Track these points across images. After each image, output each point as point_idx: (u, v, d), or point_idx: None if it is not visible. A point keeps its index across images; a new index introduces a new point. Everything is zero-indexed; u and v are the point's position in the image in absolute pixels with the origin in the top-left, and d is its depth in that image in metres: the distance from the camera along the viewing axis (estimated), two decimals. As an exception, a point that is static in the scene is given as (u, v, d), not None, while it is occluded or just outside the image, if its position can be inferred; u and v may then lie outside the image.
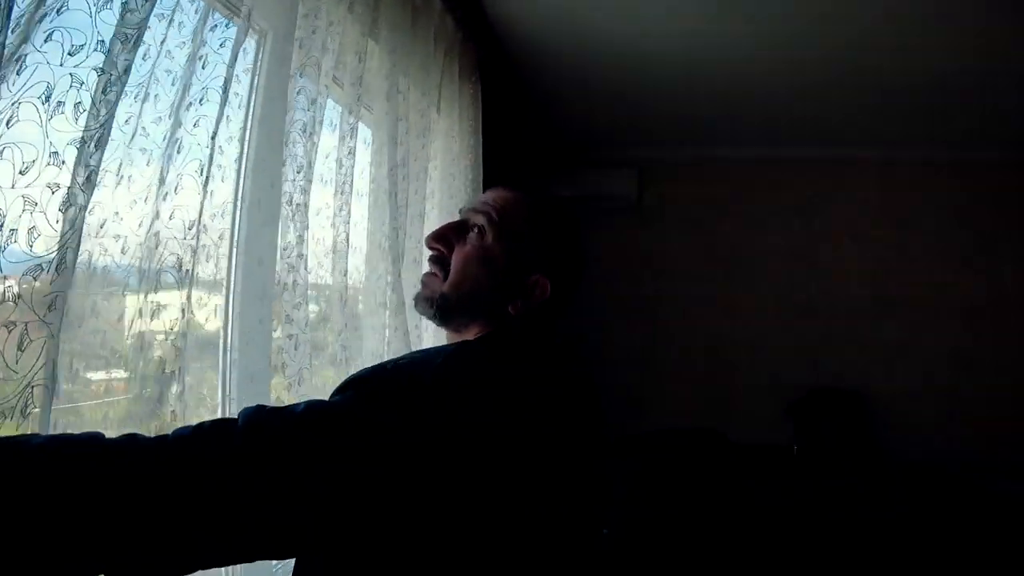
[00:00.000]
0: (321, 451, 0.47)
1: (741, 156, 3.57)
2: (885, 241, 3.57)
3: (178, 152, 0.80)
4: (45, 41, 0.58)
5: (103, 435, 0.45)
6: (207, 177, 0.85)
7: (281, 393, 1.11)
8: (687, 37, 2.29)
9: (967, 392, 3.46)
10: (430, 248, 0.74)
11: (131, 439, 0.46)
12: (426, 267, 0.77)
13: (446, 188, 1.92)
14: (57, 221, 0.59)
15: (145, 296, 0.76)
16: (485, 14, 2.09)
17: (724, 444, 2.09)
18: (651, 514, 1.80)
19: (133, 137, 0.73)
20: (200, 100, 0.84)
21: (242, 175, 1.02)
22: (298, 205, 1.07)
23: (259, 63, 1.09)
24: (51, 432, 0.60)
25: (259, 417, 0.49)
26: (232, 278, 1.01)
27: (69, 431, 0.61)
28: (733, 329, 3.50)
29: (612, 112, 3.08)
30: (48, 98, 0.58)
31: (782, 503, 2.80)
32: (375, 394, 0.54)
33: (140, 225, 0.75)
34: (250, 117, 1.04)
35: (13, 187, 0.56)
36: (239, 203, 1.01)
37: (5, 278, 0.56)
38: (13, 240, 0.56)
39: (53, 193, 0.59)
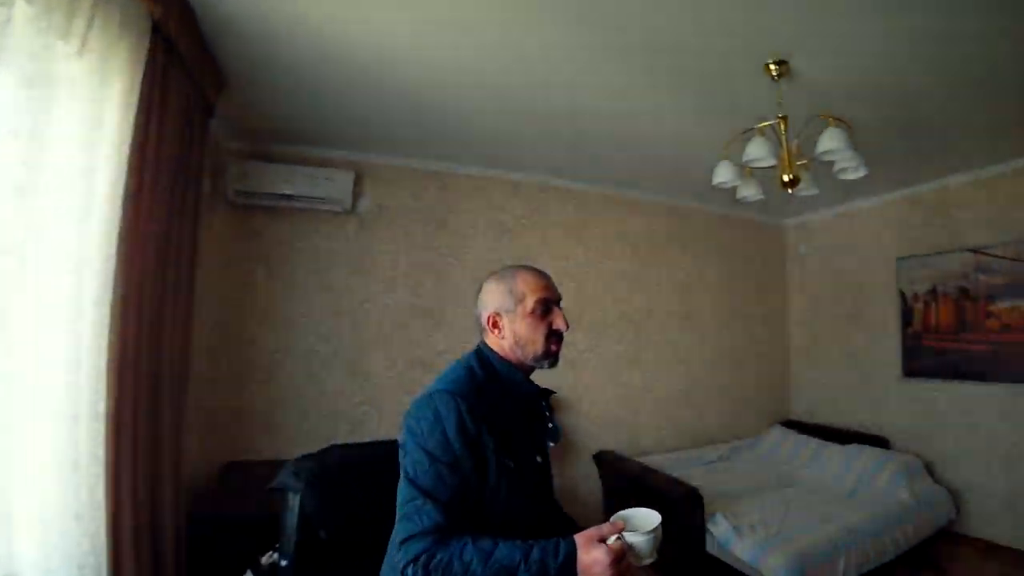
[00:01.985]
0: None
1: (460, 173, 3.88)
2: (577, 260, 4.24)
3: None
4: None
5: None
6: None
7: None
8: (410, 50, 2.41)
9: (637, 385, 4.35)
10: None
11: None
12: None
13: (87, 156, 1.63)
14: None
15: None
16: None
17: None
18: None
19: None
20: None
21: None
22: None
23: None
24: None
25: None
26: None
27: None
28: (441, 339, 3.72)
29: (330, 113, 3.06)
30: None
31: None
32: None
33: None
34: None
35: None
36: None
37: None
38: None
39: None
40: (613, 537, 1.02)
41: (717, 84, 2.69)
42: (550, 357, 1.31)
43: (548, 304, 1.31)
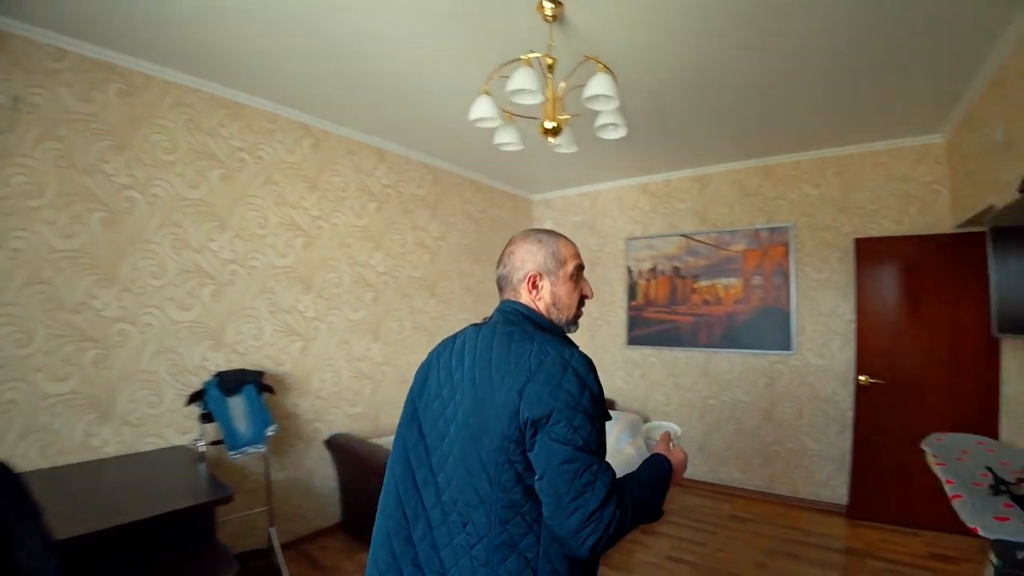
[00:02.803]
0: None
1: (155, 75, 2.91)
2: (310, 211, 3.63)
3: None
4: None
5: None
6: None
7: None
8: None
9: (376, 359, 3.95)
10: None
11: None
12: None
13: None
14: None
15: None
16: None
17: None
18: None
19: None
20: None
21: None
22: None
23: None
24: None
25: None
26: None
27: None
28: (112, 301, 2.77)
29: None
30: None
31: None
32: None
33: None
34: None
35: None
36: None
37: None
38: None
39: None
40: (672, 443, 1.35)
41: (489, 17, 2.41)
42: (576, 321, 1.35)
43: (581, 271, 1.33)
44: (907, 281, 3.83)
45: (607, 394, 5.15)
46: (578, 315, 1.33)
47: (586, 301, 1.35)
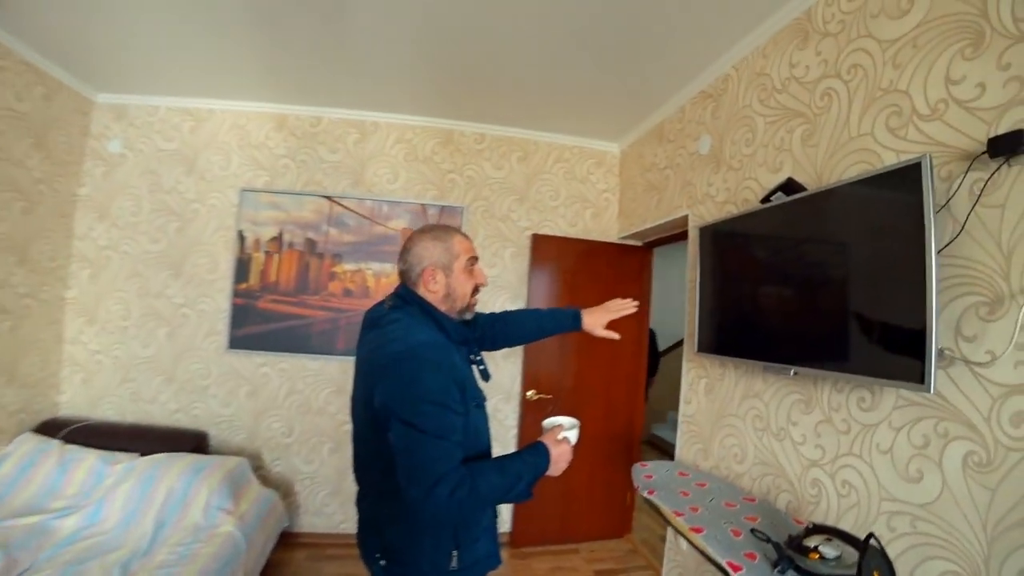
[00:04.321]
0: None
1: None
2: None
3: None
4: None
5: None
6: None
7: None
8: None
9: None
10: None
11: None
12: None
13: None
14: None
15: None
16: None
17: None
18: None
19: None
20: None
21: None
22: None
23: None
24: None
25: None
26: None
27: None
28: None
29: None
30: None
31: None
32: None
33: None
34: None
35: None
36: None
37: None
38: None
39: None
40: (561, 435, 1.44)
41: None
42: (471, 308, 1.49)
43: (475, 262, 1.48)
44: (575, 288, 3.61)
45: (192, 424, 3.46)
46: (472, 303, 1.49)
47: (477, 288, 1.49)
